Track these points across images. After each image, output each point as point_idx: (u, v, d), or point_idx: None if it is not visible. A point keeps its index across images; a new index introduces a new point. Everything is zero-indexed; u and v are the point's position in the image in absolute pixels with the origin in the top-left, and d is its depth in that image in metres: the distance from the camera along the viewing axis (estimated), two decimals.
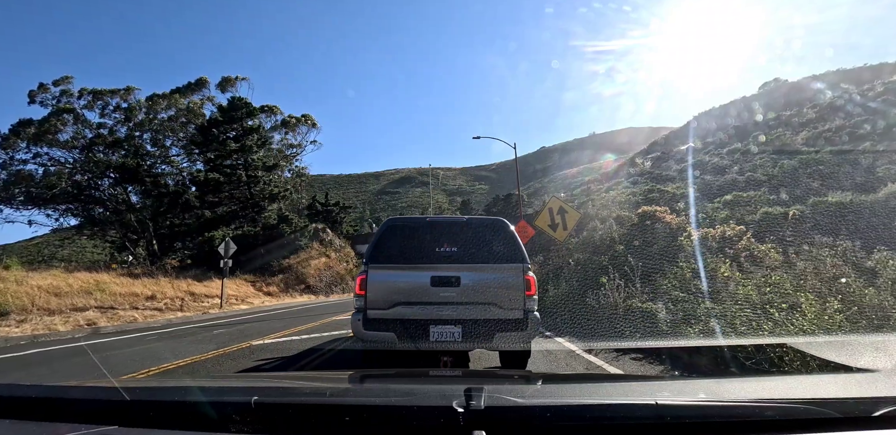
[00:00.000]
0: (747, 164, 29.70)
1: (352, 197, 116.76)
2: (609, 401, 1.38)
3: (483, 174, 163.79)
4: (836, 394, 1.40)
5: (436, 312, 4.65)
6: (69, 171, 32.05)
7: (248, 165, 33.43)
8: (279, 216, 34.94)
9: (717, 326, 5.02)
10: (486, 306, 4.67)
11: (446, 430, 1.18)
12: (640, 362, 5.73)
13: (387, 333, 4.61)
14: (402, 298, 4.73)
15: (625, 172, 45.64)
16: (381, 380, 2.34)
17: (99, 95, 32.86)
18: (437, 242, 4.99)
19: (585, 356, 6.22)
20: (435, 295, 4.67)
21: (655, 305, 6.63)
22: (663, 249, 9.13)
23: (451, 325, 4.60)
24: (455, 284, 4.67)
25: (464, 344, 4.61)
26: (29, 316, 11.67)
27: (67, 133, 31.55)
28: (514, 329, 4.59)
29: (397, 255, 4.97)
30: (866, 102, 34.71)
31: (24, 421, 1.34)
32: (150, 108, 34.36)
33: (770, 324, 4.49)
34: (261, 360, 6.66)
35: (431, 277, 4.69)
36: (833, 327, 4.03)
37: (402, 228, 5.27)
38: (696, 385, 1.90)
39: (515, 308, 4.67)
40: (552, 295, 10.84)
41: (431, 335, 4.57)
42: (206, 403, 1.32)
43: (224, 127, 33.30)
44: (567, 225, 11.83)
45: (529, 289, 4.72)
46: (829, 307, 4.36)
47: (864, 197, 13.01)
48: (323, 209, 48.40)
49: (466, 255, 4.91)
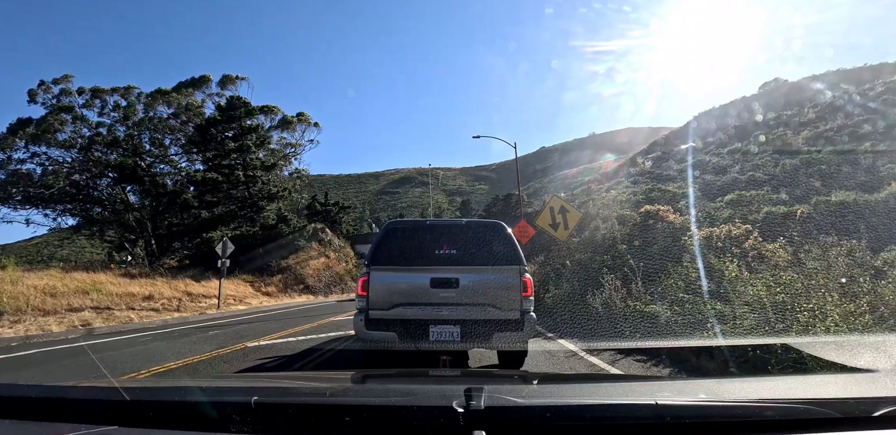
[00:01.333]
0: (748, 164, 29.71)
1: (351, 197, 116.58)
2: (609, 401, 1.38)
3: (483, 174, 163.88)
4: (836, 394, 1.40)
5: (435, 313, 4.77)
6: (67, 171, 31.73)
7: (246, 165, 33.18)
8: (278, 216, 34.56)
9: (721, 326, 4.99)
10: (484, 307, 4.79)
11: (446, 430, 1.18)
12: (643, 364, 5.70)
13: (388, 332, 4.72)
14: (403, 298, 4.84)
15: (625, 172, 45.49)
16: (381, 380, 2.34)
17: (98, 94, 32.56)
18: (436, 245, 5.12)
19: (587, 358, 6.19)
20: (434, 296, 4.79)
21: (659, 305, 6.58)
22: (666, 248, 9.02)
23: (450, 325, 4.72)
24: (454, 286, 4.80)
25: (463, 344, 4.72)
26: (23, 316, 11.54)
27: (66, 132, 31.24)
28: (512, 329, 4.71)
29: (398, 257, 5.09)
30: (866, 102, 34.72)
31: (24, 421, 1.34)
32: (149, 105, 33.91)
33: (781, 325, 4.40)
34: (257, 360, 6.60)
35: (431, 279, 4.82)
36: (861, 328, 3.93)
37: (402, 231, 5.37)
38: (696, 385, 1.90)
39: (513, 309, 4.80)
40: (553, 295, 10.76)
41: (431, 335, 4.69)
42: (207, 403, 1.32)
43: (223, 126, 33.07)
44: (568, 224, 11.77)
45: (526, 290, 4.85)
46: (856, 308, 4.22)
47: (867, 196, 12.96)
48: (322, 209, 48.01)
49: (465, 257, 5.03)
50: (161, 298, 17.25)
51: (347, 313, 14.07)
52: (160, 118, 34.60)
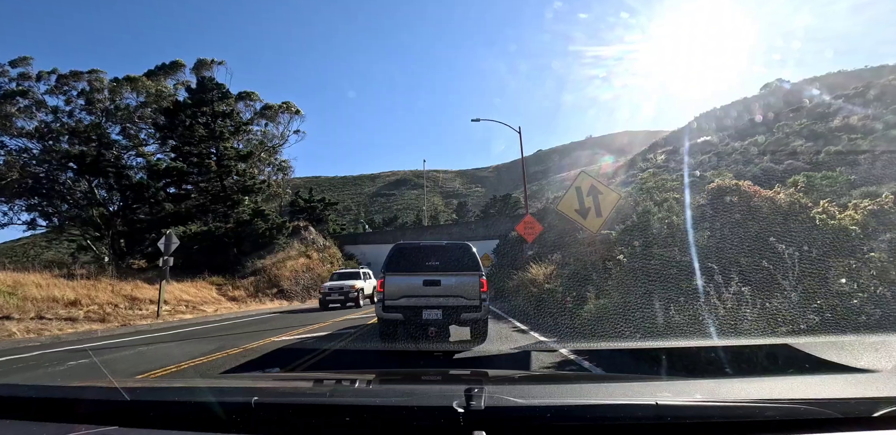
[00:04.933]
0: (780, 154, 28.54)
1: (347, 199, 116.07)
2: (609, 401, 1.38)
3: (481, 175, 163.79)
4: (836, 394, 1.40)
5: (426, 302, 7.18)
6: (25, 162, 28.82)
7: (221, 156, 29.81)
8: (253, 211, 31.15)
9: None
10: (456, 298, 7.18)
11: (446, 430, 1.19)
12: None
13: (396, 314, 7.22)
14: (406, 292, 7.27)
15: (637, 167, 44.23)
16: (381, 380, 2.34)
17: (63, 79, 29.97)
18: (426, 258, 7.70)
19: None
20: (425, 291, 7.23)
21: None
22: (784, 234, 5.53)
23: (435, 309, 7.15)
24: (438, 285, 7.24)
25: (443, 320, 7.16)
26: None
27: (22, 119, 28.75)
28: (474, 311, 7.18)
29: (403, 266, 7.54)
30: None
31: (25, 421, 1.34)
32: (114, 91, 30.94)
33: None
34: None
35: (423, 280, 7.27)
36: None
37: (405, 249, 7.90)
38: (697, 385, 1.90)
39: (474, 298, 7.21)
40: (598, 307, 7.34)
41: (424, 315, 7.15)
42: (207, 404, 1.32)
43: (192, 111, 29.36)
44: (601, 210, 9.10)
45: (483, 287, 7.28)
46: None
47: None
48: (306, 205, 44.71)
49: (444, 266, 7.50)
50: (90, 305, 14.59)
51: (316, 325, 11.77)
52: (128, 107, 31.82)
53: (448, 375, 2.82)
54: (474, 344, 7.37)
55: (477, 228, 39.02)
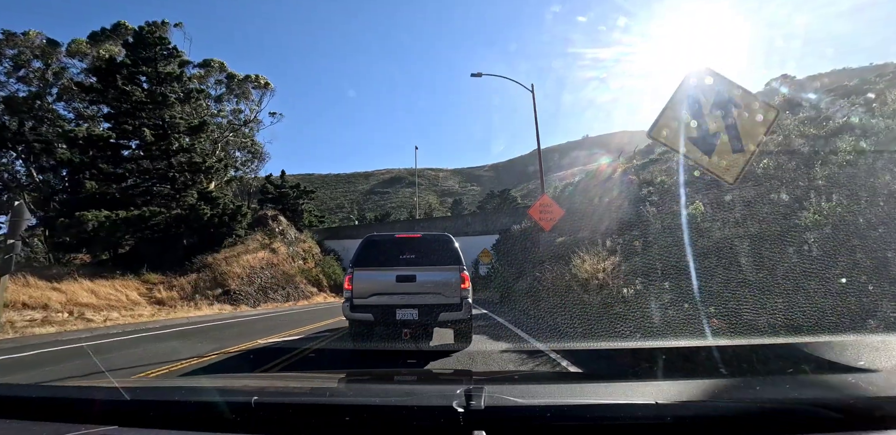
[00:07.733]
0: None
1: (340, 196, 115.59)
2: (609, 401, 1.38)
3: (477, 174, 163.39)
4: (836, 394, 1.40)
5: (400, 300, 6.33)
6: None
7: (168, 127, 24.68)
8: (199, 193, 25.52)
9: None
10: (434, 295, 6.36)
11: (446, 430, 1.18)
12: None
13: (366, 314, 6.29)
14: (377, 290, 6.42)
15: (645, 151, 43.08)
16: (380, 380, 2.34)
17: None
18: (400, 252, 6.80)
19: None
20: (399, 288, 6.37)
21: None
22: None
23: (410, 308, 6.28)
24: (413, 281, 6.38)
25: (419, 321, 6.26)
26: None
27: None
28: (454, 310, 6.31)
29: (373, 260, 6.68)
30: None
31: (24, 421, 1.34)
32: (48, 54, 26.80)
33: None
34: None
35: (396, 276, 6.42)
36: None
37: (377, 242, 7.02)
38: (696, 385, 1.90)
39: (454, 296, 6.38)
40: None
41: (397, 315, 6.24)
42: (207, 403, 1.32)
43: (130, 71, 24.24)
44: (745, 143, 4.66)
45: (464, 283, 6.43)
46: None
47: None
48: (277, 193, 38.56)
49: (421, 260, 6.65)
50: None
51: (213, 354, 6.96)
52: (63, 70, 27.48)
53: (448, 375, 2.82)
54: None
55: (473, 223, 35.24)
